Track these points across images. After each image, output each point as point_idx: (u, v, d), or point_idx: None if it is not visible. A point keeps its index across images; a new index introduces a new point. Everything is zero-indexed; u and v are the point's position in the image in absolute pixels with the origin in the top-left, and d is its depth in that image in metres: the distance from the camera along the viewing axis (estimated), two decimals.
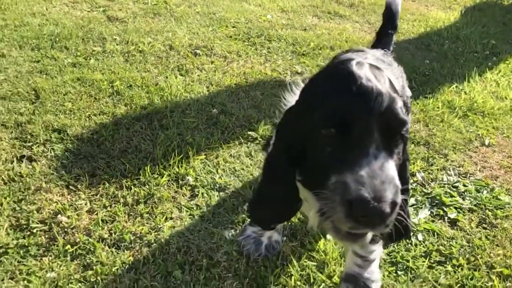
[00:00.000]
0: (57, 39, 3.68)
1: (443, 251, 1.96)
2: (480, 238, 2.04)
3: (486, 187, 2.38)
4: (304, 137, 1.12)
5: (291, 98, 1.50)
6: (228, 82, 3.22)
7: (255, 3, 4.86)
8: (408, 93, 1.80)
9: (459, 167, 2.55)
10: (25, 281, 1.70)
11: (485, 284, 1.81)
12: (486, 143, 2.77)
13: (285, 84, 3.18)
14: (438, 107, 3.11)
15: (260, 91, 3.13)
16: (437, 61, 3.89)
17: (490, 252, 1.97)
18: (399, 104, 1.05)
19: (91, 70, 3.24)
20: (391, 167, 1.00)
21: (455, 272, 1.86)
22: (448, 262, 1.91)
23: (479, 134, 2.85)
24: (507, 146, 2.77)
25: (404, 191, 1.06)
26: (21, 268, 1.75)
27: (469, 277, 1.84)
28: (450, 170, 2.50)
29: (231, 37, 4.00)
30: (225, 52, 3.70)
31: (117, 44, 3.68)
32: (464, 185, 2.39)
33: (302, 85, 1.41)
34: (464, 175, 2.49)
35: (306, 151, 1.13)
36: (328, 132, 1.04)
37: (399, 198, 0.98)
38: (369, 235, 1.09)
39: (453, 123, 2.94)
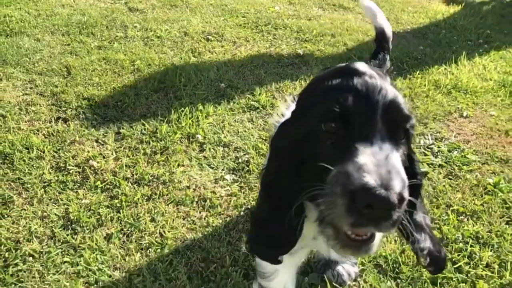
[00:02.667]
0: (84, 27, 4.19)
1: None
2: (444, 186, 2.43)
3: (457, 149, 2.76)
4: (304, 139, 1.06)
5: (286, 112, 1.39)
6: (236, 63, 3.66)
7: None
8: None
9: (436, 133, 2.93)
10: (65, 206, 2.16)
11: (442, 218, 2.20)
12: (464, 115, 3.15)
13: (287, 64, 3.64)
14: (425, 85, 3.49)
15: (264, 70, 3.57)
16: (431, 47, 4.27)
17: (451, 196, 2.36)
18: (402, 100, 1.03)
19: (115, 51, 3.73)
20: (397, 160, 0.94)
21: None
22: None
23: (459, 108, 3.23)
24: (483, 117, 3.14)
25: (418, 187, 1.04)
26: (61, 197, 2.22)
27: (429, 212, 2.23)
28: (427, 135, 2.89)
29: (240, 25, 4.45)
30: (234, 38, 4.15)
31: (137, 31, 4.17)
32: (438, 147, 2.78)
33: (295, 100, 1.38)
34: (440, 140, 2.87)
35: (303, 155, 1.06)
36: (328, 126, 0.99)
37: (407, 193, 0.89)
38: (376, 241, 0.98)
39: (436, 98, 3.32)
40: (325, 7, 5.16)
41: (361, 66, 1.07)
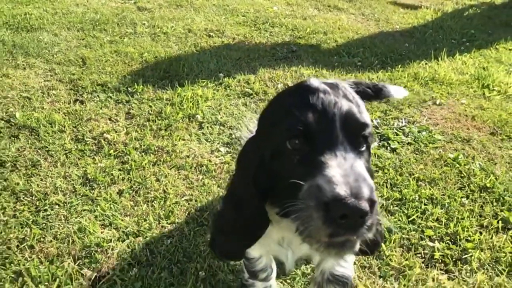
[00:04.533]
0: (97, 24, 4.66)
1: (378, 165, 2.77)
2: (409, 159, 2.85)
3: (426, 130, 3.17)
4: (270, 156, 1.13)
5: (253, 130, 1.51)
6: (234, 56, 4.10)
7: None
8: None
9: (410, 117, 3.34)
10: (84, 168, 2.61)
11: (403, 183, 2.62)
12: (437, 103, 3.56)
13: (280, 58, 4.07)
14: (405, 77, 3.91)
15: (259, 62, 4.01)
16: (416, 45, 4.69)
17: (414, 166, 2.77)
18: (357, 109, 1.10)
19: (125, 45, 4.19)
20: (361, 167, 1.01)
21: (384, 176, 2.67)
22: (380, 171, 2.72)
23: (433, 97, 3.64)
24: (455, 105, 3.55)
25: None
26: (81, 161, 2.66)
27: (393, 179, 2.64)
28: (401, 119, 3.30)
29: (240, 23, 4.91)
30: (234, 34, 4.60)
31: (145, 28, 4.64)
32: (410, 128, 3.18)
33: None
34: (412, 123, 3.28)
35: (273, 172, 1.13)
36: (293, 143, 1.05)
37: (376, 197, 0.96)
38: (357, 244, 1.03)
39: (414, 88, 3.74)
40: (320, 8, 5.61)
41: (314, 82, 1.15)
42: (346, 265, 1.65)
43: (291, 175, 1.03)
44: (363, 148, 1.10)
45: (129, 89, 3.46)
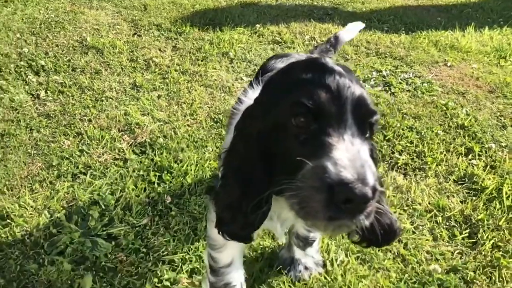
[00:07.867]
0: None
1: (374, 100, 3.35)
2: (403, 100, 3.40)
3: (428, 82, 3.68)
4: (270, 129, 1.11)
5: (245, 99, 1.51)
6: (273, 13, 4.78)
7: None
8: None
9: (417, 72, 3.86)
10: (134, 78, 3.41)
11: (391, 115, 3.18)
12: (448, 65, 4.04)
13: (315, 18, 4.70)
14: (425, 43, 4.39)
15: (294, 19, 4.66)
16: (448, 19, 5.11)
17: (405, 105, 3.32)
18: (367, 96, 1.10)
19: None
20: (366, 153, 1.01)
21: None
22: None
23: (446, 59, 4.12)
24: (464, 68, 4.01)
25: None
26: (132, 74, 3.46)
27: (382, 111, 3.22)
28: (409, 73, 3.83)
29: None
30: None
31: None
32: (413, 80, 3.71)
33: (255, 86, 1.56)
34: (418, 77, 3.80)
35: (271, 146, 1.11)
36: (298, 120, 1.04)
37: (378, 185, 0.96)
38: (354, 227, 1.02)
39: (430, 51, 4.23)
40: None
41: (330, 62, 1.14)
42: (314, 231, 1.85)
43: (292, 153, 1.04)
44: (368, 135, 1.10)
45: (178, 29, 4.24)
